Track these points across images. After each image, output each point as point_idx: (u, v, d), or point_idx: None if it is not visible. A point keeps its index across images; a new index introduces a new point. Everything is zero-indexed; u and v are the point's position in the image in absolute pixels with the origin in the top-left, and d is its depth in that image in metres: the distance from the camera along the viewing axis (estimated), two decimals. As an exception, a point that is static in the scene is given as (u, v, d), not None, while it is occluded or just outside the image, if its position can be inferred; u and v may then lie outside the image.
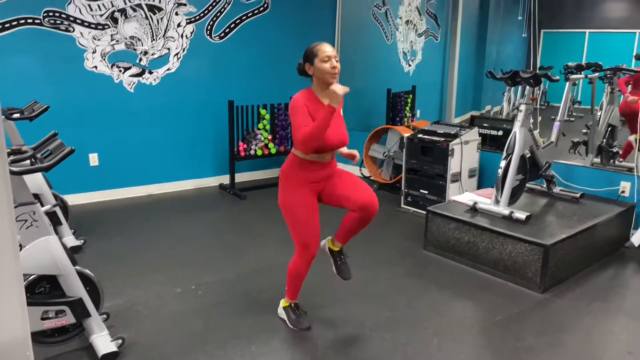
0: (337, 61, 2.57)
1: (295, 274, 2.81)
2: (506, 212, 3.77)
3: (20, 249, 2.43)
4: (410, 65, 7.78)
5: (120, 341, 2.65)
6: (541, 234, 3.51)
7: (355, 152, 2.82)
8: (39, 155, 2.42)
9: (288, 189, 2.69)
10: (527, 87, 3.86)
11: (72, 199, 4.79)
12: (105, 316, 2.80)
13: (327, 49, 2.57)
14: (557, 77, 3.68)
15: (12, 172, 2.23)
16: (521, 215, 3.71)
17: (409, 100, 6.79)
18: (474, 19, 8.43)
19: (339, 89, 2.45)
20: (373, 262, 3.85)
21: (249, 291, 3.35)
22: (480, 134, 5.08)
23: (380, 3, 6.98)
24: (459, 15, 8.08)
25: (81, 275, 2.61)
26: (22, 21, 4.50)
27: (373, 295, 3.33)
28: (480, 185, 5.01)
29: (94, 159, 5.05)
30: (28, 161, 2.38)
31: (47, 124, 4.16)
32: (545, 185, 4.42)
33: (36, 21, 4.55)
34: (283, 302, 2.98)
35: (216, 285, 3.43)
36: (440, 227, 3.95)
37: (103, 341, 2.61)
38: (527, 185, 4.39)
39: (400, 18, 7.40)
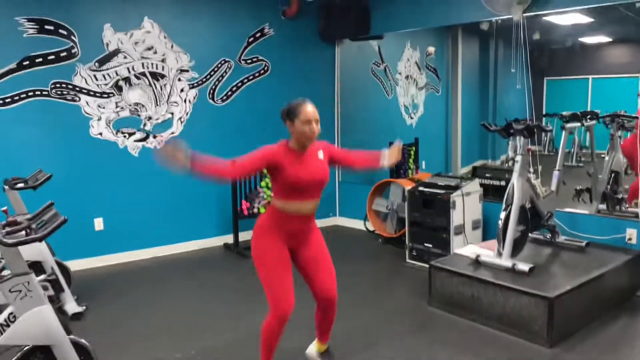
0: (317, 124, 2.62)
1: (267, 337, 2.69)
2: (509, 264, 3.71)
3: (15, 320, 2.44)
4: (412, 118, 7.88)
5: (115, 412, 2.61)
6: (545, 285, 3.44)
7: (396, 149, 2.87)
8: (34, 226, 2.46)
9: (261, 237, 2.70)
10: (522, 138, 3.88)
11: (77, 264, 4.83)
12: (101, 386, 2.76)
13: (309, 110, 2.61)
14: (550, 127, 3.72)
15: (6, 244, 2.27)
16: (524, 266, 3.66)
17: (412, 152, 6.83)
18: (475, 70, 8.57)
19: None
20: (375, 319, 3.78)
21: (248, 357, 3.29)
22: (482, 185, 5.08)
23: (378, 60, 7.17)
24: (459, 67, 8.23)
25: (76, 344, 2.59)
26: (31, 93, 4.68)
27: (376, 355, 3.25)
28: (485, 237, 4.96)
29: (99, 224, 5.12)
30: (23, 232, 2.42)
31: (53, 191, 4.26)
32: (549, 235, 4.37)
33: (44, 93, 4.74)
34: None
35: (216, 350, 3.38)
36: (444, 282, 3.89)
37: (97, 413, 2.57)
38: (531, 235, 4.35)
39: (400, 73, 7.57)
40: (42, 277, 3.54)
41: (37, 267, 3.83)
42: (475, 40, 7.90)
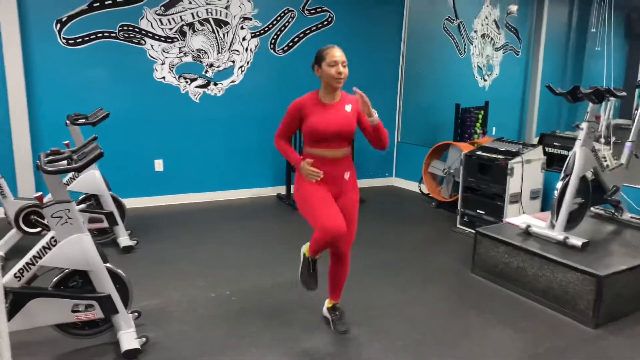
0: (344, 67, 2.59)
1: (314, 249, 2.68)
2: (560, 237, 3.49)
3: (56, 244, 2.59)
4: (485, 80, 7.50)
5: (144, 339, 2.74)
6: (597, 263, 3.21)
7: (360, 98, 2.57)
8: (75, 157, 2.57)
9: (302, 184, 2.72)
10: (590, 104, 3.57)
11: (136, 202, 5.09)
12: (136, 314, 2.91)
13: (336, 53, 2.59)
14: (623, 93, 3.37)
15: (46, 171, 2.39)
16: (577, 241, 3.42)
17: (480, 116, 6.51)
18: (562, 32, 7.99)
19: (306, 173, 2.62)
20: (415, 281, 3.71)
21: (281, 302, 3.34)
22: (548, 153, 4.77)
23: (452, 16, 6.80)
24: (543, 28, 7.68)
25: (112, 273, 2.73)
26: (100, 34, 4.85)
27: (408, 315, 3.20)
28: (544, 208, 4.68)
29: (159, 165, 5.32)
30: (65, 161, 2.54)
31: (117, 130, 4.47)
32: (614, 211, 4.05)
33: (112, 35, 4.90)
34: (305, 249, 2.77)
35: (251, 292, 3.46)
36: (488, 250, 3.73)
37: (128, 338, 2.70)
38: (594, 210, 4.07)
39: (475, 31, 7.17)
40: (81, 206, 3.74)
41: (94, 200, 4.08)
42: (564, -1, 7.37)
